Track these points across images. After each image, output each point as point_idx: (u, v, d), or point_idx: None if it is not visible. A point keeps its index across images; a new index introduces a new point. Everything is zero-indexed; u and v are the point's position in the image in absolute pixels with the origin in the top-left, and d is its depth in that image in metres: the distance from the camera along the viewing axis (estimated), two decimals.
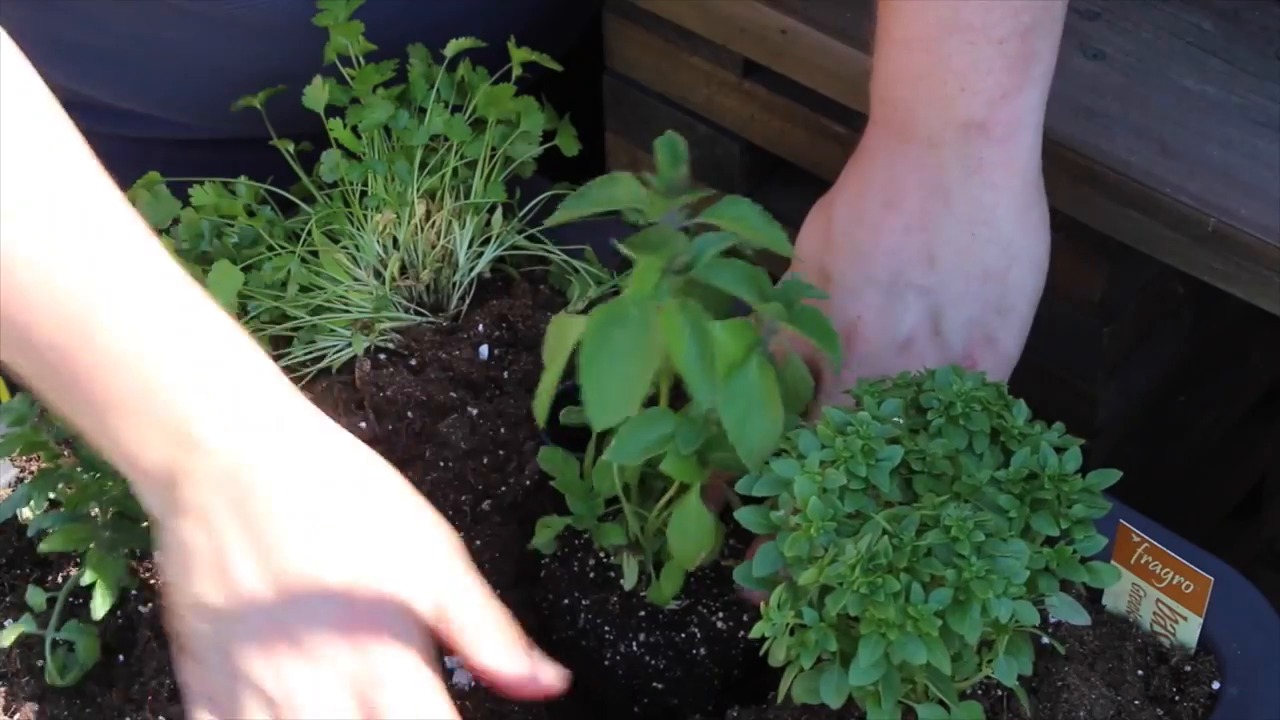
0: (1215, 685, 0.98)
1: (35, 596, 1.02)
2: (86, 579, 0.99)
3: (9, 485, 1.10)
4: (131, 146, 1.31)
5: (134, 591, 1.03)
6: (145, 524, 1.03)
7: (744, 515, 0.94)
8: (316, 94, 1.17)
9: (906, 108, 1.05)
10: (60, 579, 1.04)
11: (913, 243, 1.05)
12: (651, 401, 0.98)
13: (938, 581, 0.88)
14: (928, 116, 1.04)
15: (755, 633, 0.91)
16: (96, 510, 1.02)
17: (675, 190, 0.97)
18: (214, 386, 0.92)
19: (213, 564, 0.91)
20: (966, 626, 0.86)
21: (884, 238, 1.05)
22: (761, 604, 0.91)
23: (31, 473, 1.10)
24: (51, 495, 1.04)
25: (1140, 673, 0.98)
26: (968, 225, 1.05)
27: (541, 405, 0.99)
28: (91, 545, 1.00)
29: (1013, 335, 1.07)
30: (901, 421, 0.96)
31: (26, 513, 1.05)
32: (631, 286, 0.93)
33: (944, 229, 1.04)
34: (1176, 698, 0.97)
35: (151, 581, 1.04)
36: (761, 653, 0.93)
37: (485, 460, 1.09)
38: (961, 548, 0.88)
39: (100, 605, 0.99)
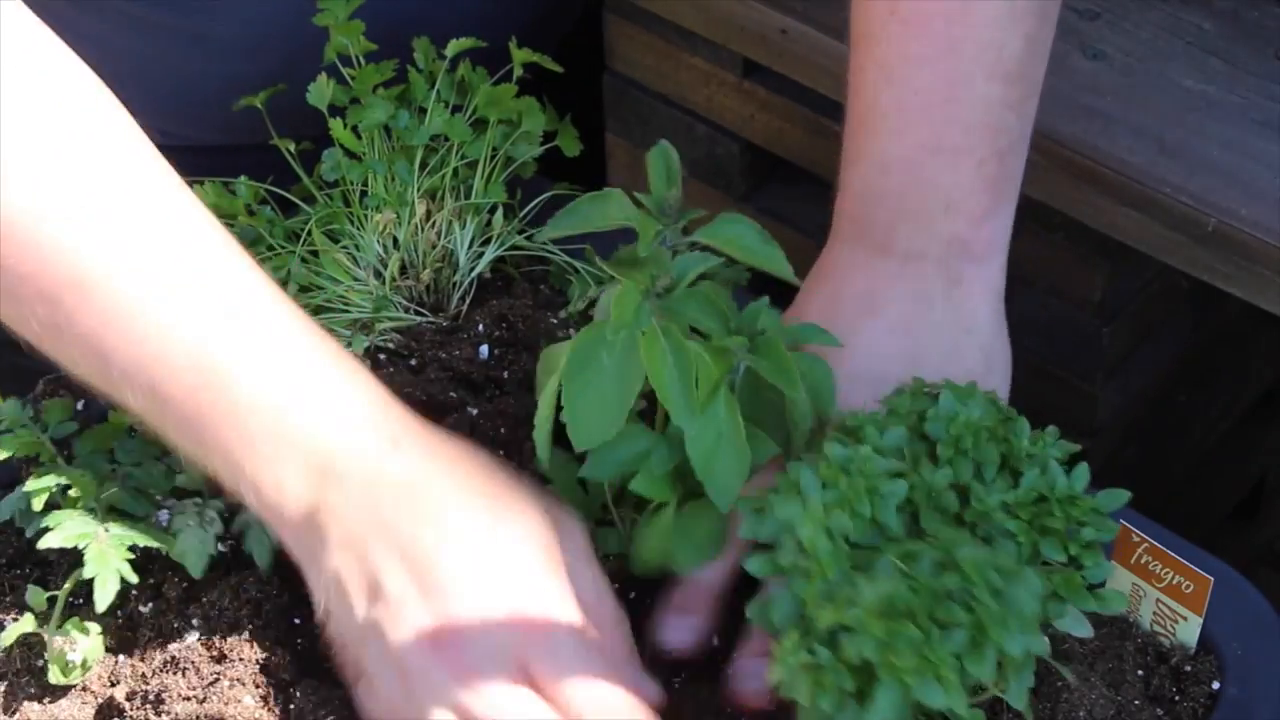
0: (1215, 685, 0.98)
1: (36, 596, 1.02)
2: (88, 572, 0.99)
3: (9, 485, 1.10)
4: None
5: (134, 590, 1.03)
6: (145, 519, 1.03)
7: (752, 564, 0.93)
8: (321, 92, 1.17)
9: (886, 225, 1.05)
10: (61, 579, 1.04)
11: (896, 343, 1.05)
12: (650, 418, 0.99)
13: (953, 623, 0.87)
14: (910, 233, 1.05)
15: (772, 677, 0.90)
16: (96, 508, 1.02)
17: (667, 208, 0.96)
18: (339, 418, 0.95)
19: (368, 587, 0.94)
20: (983, 669, 0.86)
21: (864, 336, 1.05)
22: (773, 644, 0.90)
23: (30, 472, 1.09)
24: (50, 494, 1.04)
25: (1140, 673, 0.98)
26: (951, 332, 1.05)
27: (541, 439, 1.00)
28: (92, 541, 1.00)
29: None
30: (905, 452, 0.95)
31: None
32: (612, 312, 0.93)
33: (928, 332, 1.05)
34: (1176, 698, 0.97)
35: (151, 580, 1.04)
36: (779, 692, 0.91)
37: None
38: (978, 591, 0.86)
39: (102, 600, 0.99)
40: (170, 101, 1.32)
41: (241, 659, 0.99)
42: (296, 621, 1.02)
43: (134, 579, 1.00)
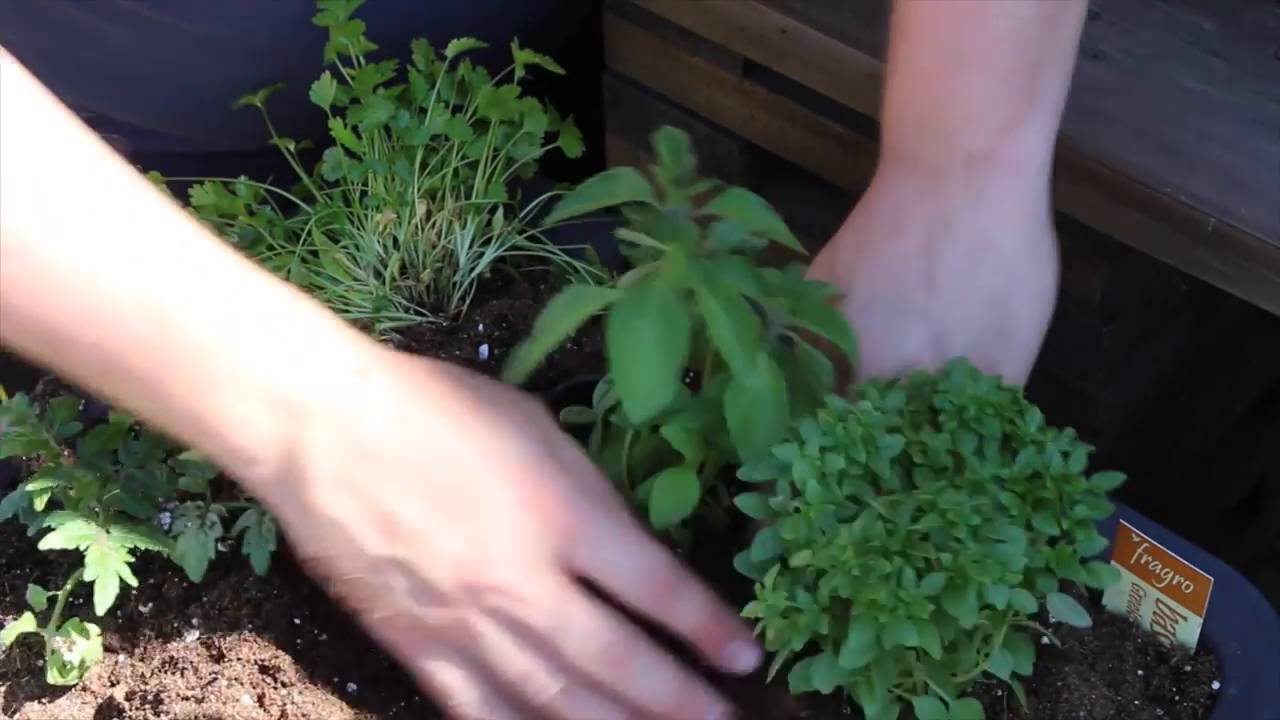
0: (1215, 685, 0.98)
1: (36, 596, 1.02)
2: (89, 574, 0.99)
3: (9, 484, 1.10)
4: (130, 160, 1.31)
5: (135, 591, 1.03)
6: (147, 521, 1.03)
7: (743, 500, 0.94)
8: (323, 91, 1.17)
9: (915, 138, 1.06)
10: (61, 578, 1.04)
11: (915, 267, 1.05)
12: (694, 385, 1.00)
13: (933, 566, 0.88)
14: (932, 148, 1.05)
15: (747, 613, 0.91)
16: (98, 509, 1.02)
17: (683, 181, 0.97)
18: (303, 353, 0.94)
19: (379, 524, 0.93)
20: (963, 611, 0.86)
21: (887, 262, 1.05)
22: (756, 585, 0.91)
23: (32, 471, 1.09)
24: (52, 494, 1.04)
25: (1140, 673, 0.98)
26: (970, 252, 1.05)
27: (519, 373, 1.00)
28: (93, 543, 1.00)
29: (1015, 363, 1.07)
30: (904, 412, 0.96)
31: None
32: (664, 269, 0.93)
33: (946, 254, 1.04)
34: (1176, 698, 0.97)
35: (151, 582, 1.04)
36: (755, 633, 0.93)
37: None
38: (958, 532, 0.88)
39: (103, 602, 0.99)
40: (171, 103, 1.32)
41: (240, 659, 0.99)
42: (296, 621, 1.02)
43: (134, 582, 1.00)
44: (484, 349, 1.13)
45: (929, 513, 0.89)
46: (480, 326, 1.14)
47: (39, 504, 1.02)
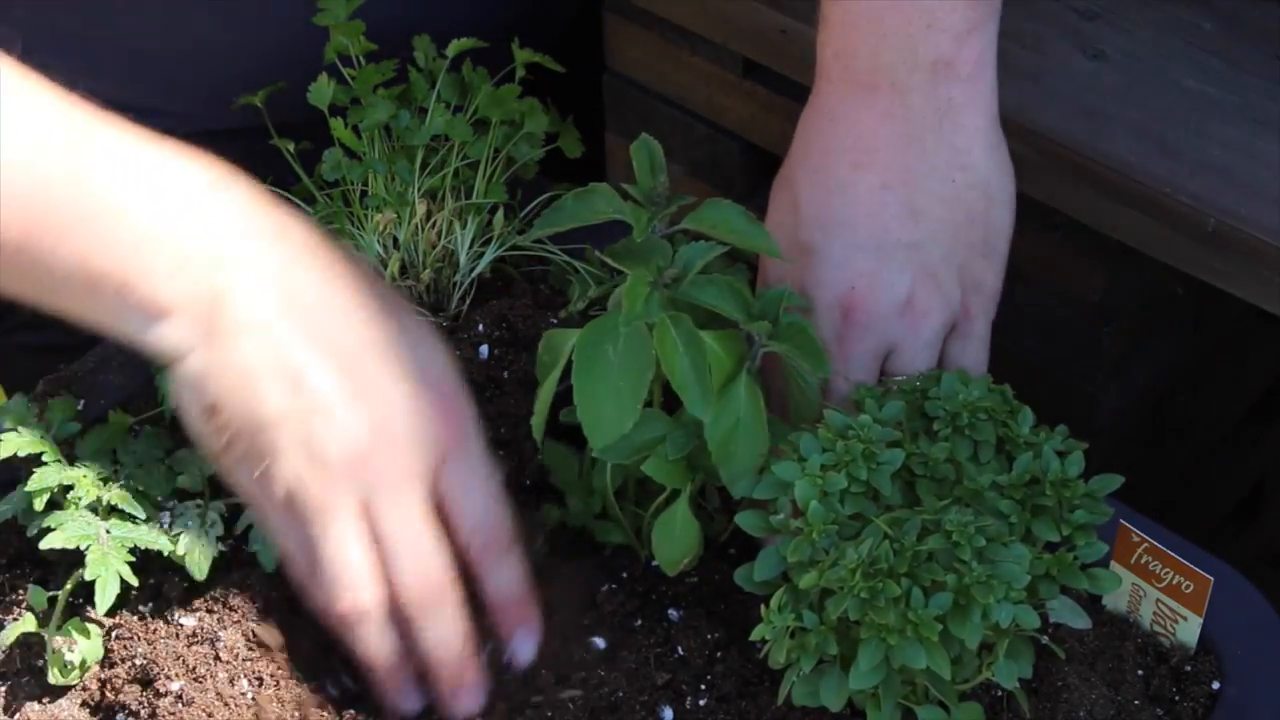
0: (1215, 685, 0.98)
1: (36, 596, 1.02)
2: (89, 574, 0.99)
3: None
4: None
5: (135, 591, 1.03)
6: (145, 521, 1.03)
7: (744, 519, 0.94)
8: (321, 91, 1.17)
9: (870, 53, 1.03)
10: (61, 578, 1.04)
11: (893, 199, 1.03)
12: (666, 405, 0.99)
13: (938, 586, 0.88)
14: (893, 59, 1.02)
15: (755, 635, 0.91)
16: (98, 509, 1.02)
17: (656, 198, 0.96)
18: (230, 209, 0.94)
19: (287, 376, 0.93)
20: (967, 631, 0.86)
21: (861, 200, 1.03)
22: (762, 606, 0.91)
23: (32, 471, 1.09)
24: (52, 494, 1.04)
25: (1140, 673, 0.98)
26: (946, 172, 1.03)
27: (539, 421, 1.00)
28: (93, 543, 1.00)
29: (996, 274, 1.06)
30: (903, 424, 0.96)
31: None
32: (622, 304, 0.92)
33: (924, 180, 1.03)
34: (1176, 698, 0.97)
35: (151, 581, 1.04)
36: (762, 655, 0.93)
37: None
38: (963, 553, 0.88)
39: (103, 602, 0.99)
40: (178, 75, 1.31)
41: (241, 657, 0.99)
42: (297, 618, 1.02)
43: (135, 581, 1.00)
44: (484, 349, 1.13)
45: (934, 532, 0.89)
46: (480, 326, 1.14)
47: (38, 504, 1.02)
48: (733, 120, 1.34)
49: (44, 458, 1.04)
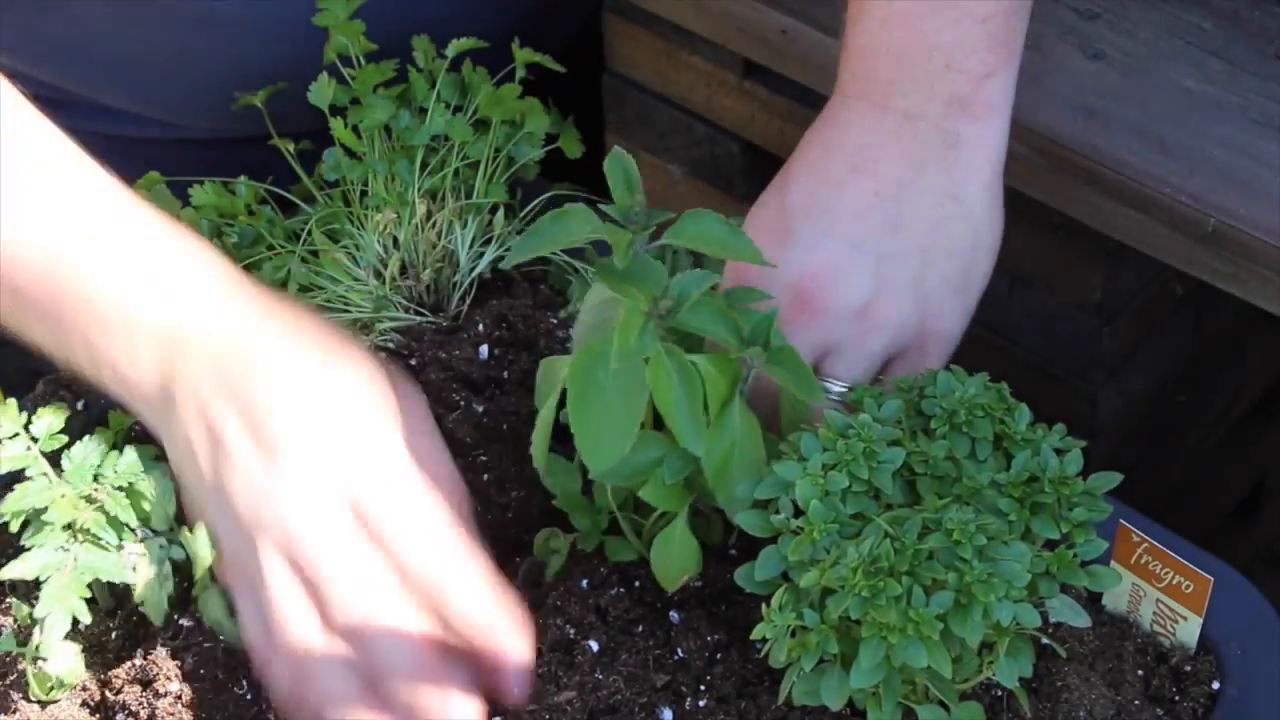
0: (1215, 685, 0.98)
1: (18, 610, 1.01)
2: (39, 612, 0.98)
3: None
4: (130, 146, 1.30)
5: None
6: (118, 547, 1.01)
7: (744, 519, 0.94)
8: (322, 91, 1.17)
9: (887, 81, 1.04)
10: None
11: (881, 208, 1.03)
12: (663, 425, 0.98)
13: (939, 584, 0.88)
14: (910, 91, 1.04)
15: (756, 634, 0.91)
16: (73, 533, 1.01)
17: (634, 216, 0.95)
18: (183, 291, 0.98)
19: (211, 444, 0.96)
20: (968, 630, 0.87)
21: (850, 198, 1.04)
22: (763, 605, 0.91)
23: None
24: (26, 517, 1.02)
25: (1140, 673, 0.98)
26: (939, 199, 1.04)
27: (540, 448, 0.99)
28: (55, 573, 0.99)
29: (961, 315, 1.06)
30: (903, 423, 0.96)
31: None
32: (616, 337, 0.91)
33: (915, 198, 1.04)
34: (1176, 698, 0.97)
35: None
36: (762, 654, 0.93)
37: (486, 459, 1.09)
38: (963, 551, 0.88)
39: (53, 639, 0.98)
40: (171, 87, 1.31)
41: (240, 658, 0.99)
42: None
43: (87, 619, 0.99)
44: (484, 349, 1.13)
45: (935, 531, 0.89)
46: (480, 326, 1.14)
47: (14, 526, 1.01)
48: (733, 120, 1.34)
49: (28, 472, 1.03)
